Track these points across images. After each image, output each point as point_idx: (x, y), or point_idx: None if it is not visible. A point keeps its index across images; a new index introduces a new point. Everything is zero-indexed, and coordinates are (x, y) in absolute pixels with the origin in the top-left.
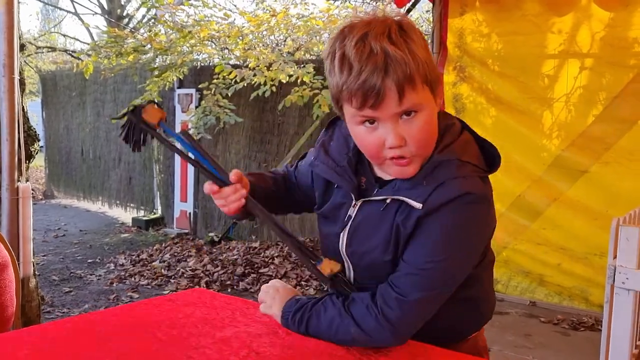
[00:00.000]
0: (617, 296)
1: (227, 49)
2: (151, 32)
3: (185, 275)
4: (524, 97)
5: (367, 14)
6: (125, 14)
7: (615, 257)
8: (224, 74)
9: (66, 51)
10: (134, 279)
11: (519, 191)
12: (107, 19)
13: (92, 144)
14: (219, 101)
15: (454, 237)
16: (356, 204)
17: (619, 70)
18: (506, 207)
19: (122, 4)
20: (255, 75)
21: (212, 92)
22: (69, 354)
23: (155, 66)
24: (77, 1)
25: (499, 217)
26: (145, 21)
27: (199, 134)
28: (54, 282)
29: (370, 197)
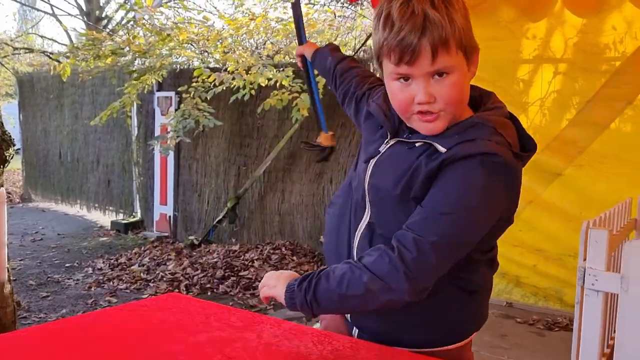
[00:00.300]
0: (587, 297)
1: (207, 52)
2: (130, 34)
3: (164, 278)
4: (494, 93)
5: None
6: (104, 16)
7: (585, 259)
8: (203, 78)
9: (44, 52)
10: (113, 283)
11: None
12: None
13: (70, 147)
14: (198, 104)
15: (474, 189)
16: (389, 142)
17: (591, 75)
18: None
19: (101, 5)
20: (234, 78)
21: (191, 95)
22: None
23: (133, 69)
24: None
25: None
26: (124, 23)
27: (178, 137)
28: (31, 287)
29: (402, 138)
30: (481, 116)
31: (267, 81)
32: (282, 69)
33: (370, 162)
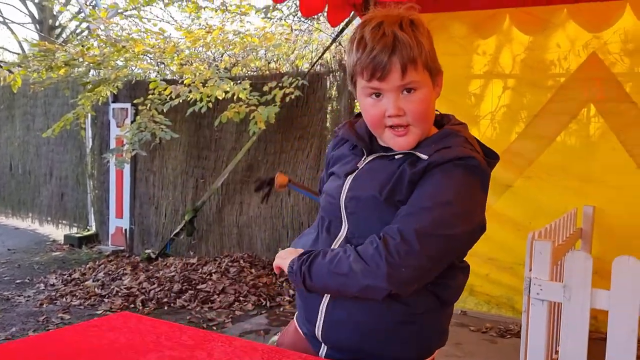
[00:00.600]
0: (532, 306)
1: (163, 63)
2: (84, 46)
3: (120, 294)
4: (453, 115)
5: (387, 11)
6: (57, 24)
7: (530, 270)
8: (159, 90)
9: None
10: (66, 299)
11: None
12: (38, 32)
13: (21, 159)
14: (155, 117)
15: (453, 187)
16: (367, 158)
17: (538, 90)
18: None
19: (54, 14)
20: (190, 91)
21: (147, 107)
22: None
23: (87, 80)
24: (7, 9)
25: None
26: (78, 32)
27: (134, 150)
28: None
29: (381, 153)
30: (452, 128)
31: (224, 94)
32: (239, 82)
33: (348, 177)
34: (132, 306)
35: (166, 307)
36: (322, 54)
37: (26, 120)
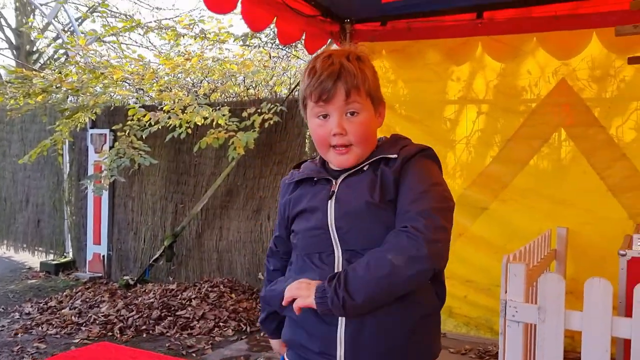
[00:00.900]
0: (509, 328)
1: (142, 90)
2: (62, 72)
3: (97, 322)
4: (429, 140)
5: (339, 48)
6: (35, 50)
7: (506, 292)
8: (138, 116)
9: None
10: (42, 328)
11: None
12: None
13: None
14: (134, 143)
15: (433, 172)
16: (337, 182)
17: (511, 115)
18: None
19: (32, 39)
20: (170, 117)
21: (126, 133)
22: None
23: (65, 107)
24: None
25: None
26: (56, 57)
27: (112, 176)
28: None
29: (349, 171)
30: (397, 134)
31: (203, 120)
32: (218, 108)
33: (329, 202)
34: (110, 334)
35: (145, 335)
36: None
37: (2, 146)
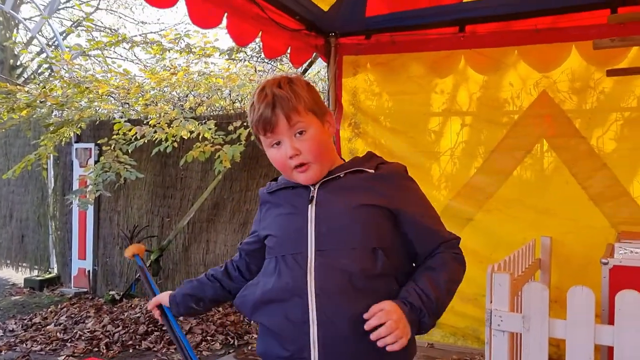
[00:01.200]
0: (494, 337)
1: (128, 104)
2: (46, 87)
3: (83, 337)
4: (413, 151)
5: (271, 78)
6: (18, 64)
7: (491, 301)
8: (124, 131)
9: None
10: (26, 345)
11: None
12: None
13: None
14: (119, 157)
15: (417, 188)
16: (315, 187)
17: (494, 127)
18: None
19: (16, 53)
20: (155, 131)
21: (112, 147)
22: None
23: (50, 122)
24: None
25: None
26: (40, 72)
27: (97, 190)
28: None
29: (327, 178)
30: (370, 152)
31: (189, 134)
32: (204, 122)
33: (309, 207)
34: (96, 350)
35: (131, 350)
36: None
37: None
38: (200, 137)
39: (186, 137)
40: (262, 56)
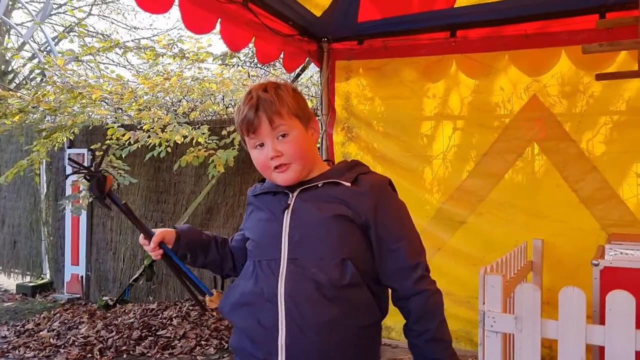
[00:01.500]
0: (487, 338)
1: (121, 109)
2: (38, 92)
3: (76, 343)
4: (406, 155)
5: (258, 83)
6: (10, 70)
7: (484, 303)
8: (117, 136)
9: None
10: (19, 351)
11: None
12: None
13: None
14: (113, 162)
15: (401, 205)
16: (293, 195)
17: (485, 130)
18: None
19: (7, 59)
20: (149, 136)
21: (105, 152)
22: None
23: (43, 127)
24: None
25: None
26: (32, 77)
27: (91, 196)
28: None
29: (306, 186)
30: (355, 160)
31: (182, 138)
32: (197, 127)
33: (285, 213)
34: (90, 355)
35: (125, 355)
36: None
37: None
38: (193, 142)
39: (180, 142)
40: (255, 61)
